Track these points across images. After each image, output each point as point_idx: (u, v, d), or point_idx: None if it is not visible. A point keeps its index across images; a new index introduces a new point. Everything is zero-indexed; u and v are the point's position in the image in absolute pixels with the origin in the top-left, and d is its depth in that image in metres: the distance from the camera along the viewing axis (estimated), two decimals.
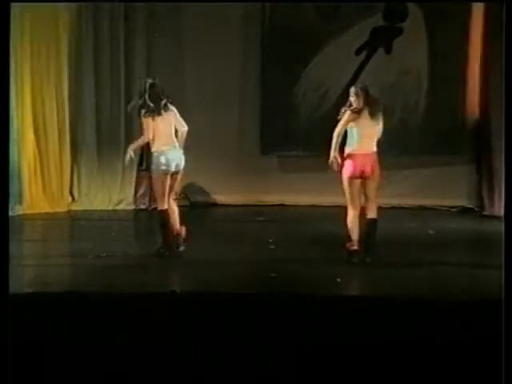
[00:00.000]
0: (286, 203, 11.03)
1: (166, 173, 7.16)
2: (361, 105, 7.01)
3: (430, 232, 9.02)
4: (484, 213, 10.48)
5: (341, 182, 7.10)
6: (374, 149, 7.14)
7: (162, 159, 7.14)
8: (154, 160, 7.20)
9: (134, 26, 10.79)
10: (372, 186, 7.05)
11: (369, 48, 11.05)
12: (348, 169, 6.99)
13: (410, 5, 10.93)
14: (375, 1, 10.95)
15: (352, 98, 7.05)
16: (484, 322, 4.63)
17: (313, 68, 11.06)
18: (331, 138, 7.10)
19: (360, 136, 7.04)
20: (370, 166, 7.01)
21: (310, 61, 11.06)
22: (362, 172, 7.00)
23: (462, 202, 10.98)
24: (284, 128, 10.91)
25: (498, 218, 9.32)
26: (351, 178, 6.98)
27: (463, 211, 10.82)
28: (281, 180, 11.03)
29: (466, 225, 9.99)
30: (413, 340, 4.57)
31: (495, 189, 10.30)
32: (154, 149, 7.22)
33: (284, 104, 11.01)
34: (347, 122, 7.03)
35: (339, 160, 7.00)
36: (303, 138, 10.96)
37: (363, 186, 7.04)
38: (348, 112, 7.03)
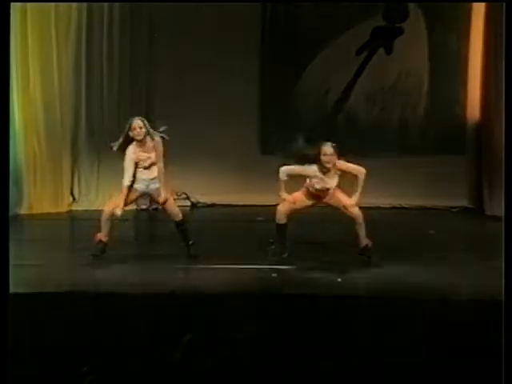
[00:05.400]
0: None
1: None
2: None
3: (431, 232, 9.02)
4: (485, 213, 10.46)
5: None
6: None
7: None
8: None
9: (136, 28, 10.81)
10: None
11: (369, 48, 11.05)
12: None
13: (411, 5, 10.94)
14: (375, 1, 10.96)
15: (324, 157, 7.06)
16: (484, 322, 4.63)
17: (313, 68, 11.07)
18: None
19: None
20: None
21: (311, 61, 11.07)
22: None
23: (463, 202, 10.98)
24: (284, 128, 10.91)
25: (499, 218, 9.31)
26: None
27: (464, 211, 10.82)
28: None
29: (466, 225, 10.01)
30: (412, 340, 4.57)
31: (496, 189, 10.29)
32: None
33: (284, 104, 11.02)
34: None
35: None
36: (303, 138, 10.94)
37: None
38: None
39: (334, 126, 11.03)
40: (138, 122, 7.33)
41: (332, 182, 7.18)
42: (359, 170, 7.13)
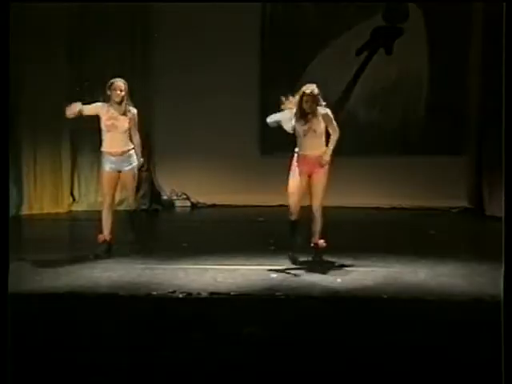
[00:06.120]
0: (285, 203, 11.00)
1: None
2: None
3: (431, 232, 9.02)
4: (485, 213, 10.44)
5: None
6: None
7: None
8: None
9: (136, 28, 10.83)
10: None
11: (369, 48, 11.06)
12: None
13: (411, 5, 10.95)
14: (375, 1, 10.97)
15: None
16: (484, 322, 4.63)
17: (313, 68, 11.07)
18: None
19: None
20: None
21: (311, 61, 11.08)
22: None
23: (463, 202, 10.98)
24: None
25: (498, 218, 9.30)
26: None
27: (464, 211, 10.82)
28: (281, 180, 11.01)
29: (466, 225, 10.01)
30: (413, 340, 4.58)
31: (496, 189, 10.28)
32: None
33: None
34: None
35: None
36: None
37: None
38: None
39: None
40: (119, 84, 7.08)
41: (317, 124, 7.02)
42: (335, 129, 6.97)
